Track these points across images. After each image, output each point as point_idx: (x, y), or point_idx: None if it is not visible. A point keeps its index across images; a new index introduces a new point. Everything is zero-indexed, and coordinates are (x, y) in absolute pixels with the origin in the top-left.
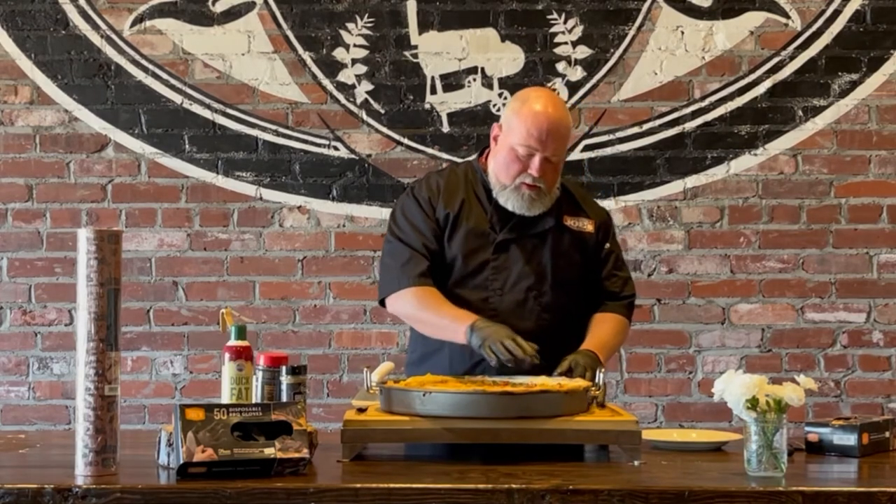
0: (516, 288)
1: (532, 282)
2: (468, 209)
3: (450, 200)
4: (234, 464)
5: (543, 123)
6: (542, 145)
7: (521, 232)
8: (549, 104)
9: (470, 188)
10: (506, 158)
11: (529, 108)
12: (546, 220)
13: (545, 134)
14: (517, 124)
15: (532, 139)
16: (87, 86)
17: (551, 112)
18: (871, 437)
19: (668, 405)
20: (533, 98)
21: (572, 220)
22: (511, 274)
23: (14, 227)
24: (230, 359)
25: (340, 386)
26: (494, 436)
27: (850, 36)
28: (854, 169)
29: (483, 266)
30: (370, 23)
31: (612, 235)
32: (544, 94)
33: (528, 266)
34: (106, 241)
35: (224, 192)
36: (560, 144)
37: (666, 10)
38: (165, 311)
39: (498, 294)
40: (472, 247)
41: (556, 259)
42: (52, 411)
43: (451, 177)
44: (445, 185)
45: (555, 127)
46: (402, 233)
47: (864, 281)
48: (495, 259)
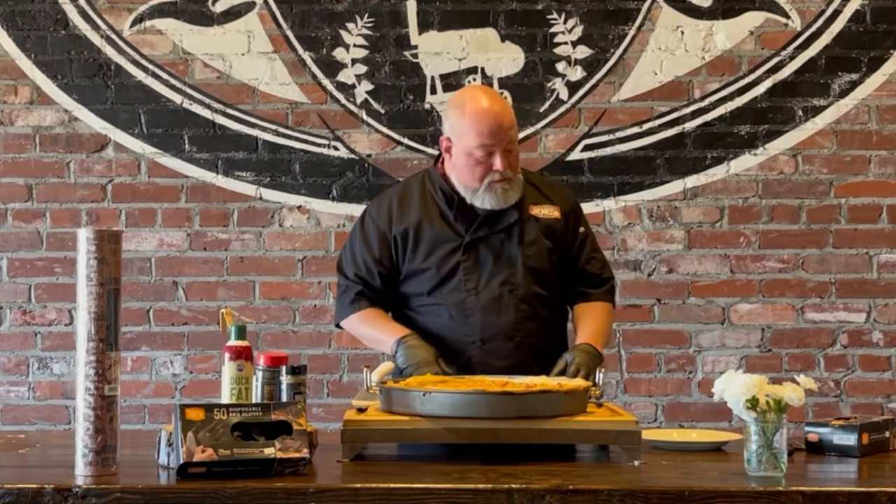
0: (490, 284)
1: (505, 276)
2: (429, 218)
3: (405, 215)
4: (234, 464)
5: (491, 120)
6: (498, 139)
7: (487, 230)
8: (488, 99)
9: (428, 197)
10: (467, 163)
11: (471, 109)
12: (510, 214)
13: (496, 128)
14: (466, 129)
15: (485, 137)
16: (87, 86)
17: (494, 106)
18: (871, 437)
19: (668, 405)
20: (469, 99)
21: (538, 209)
22: (483, 272)
23: (14, 227)
24: (230, 359)
25: (340, 386)
26: (494, 436)
27: (850, 36)
28: (854, 169)
29: (455, 269)
30: (370, 23)
31: (583, 219)
32: (480, 92)
33: (499, 262)
34: (106, 241)
35: (224, 192)
36: (511, 132)
37: (666, 10)
38: (165, 311)
39: (473, 294)
40: (441, 253)
41: (526, 249)
42: (52, 411)
43: (404, 192)
44: (399, 201)
45: (501, 118)
46: (343, 261)
47: (864, 281)
48: (466, 260)
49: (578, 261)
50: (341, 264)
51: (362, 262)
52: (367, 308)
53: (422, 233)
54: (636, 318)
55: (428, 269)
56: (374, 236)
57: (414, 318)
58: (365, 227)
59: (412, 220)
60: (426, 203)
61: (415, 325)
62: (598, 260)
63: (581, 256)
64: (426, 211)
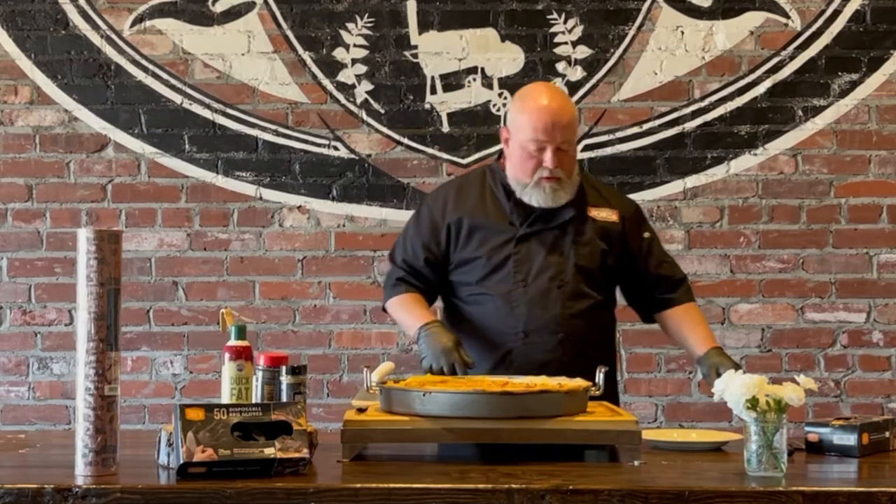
0: (539, 278)
1: (554, 272)
2: (484, 209)
3: (461, 205)
4: (234, 464)
5: (547, 116)
6: (551, 136)
7: (541, 225)
8: (549, 96)
9: (487, 189)
10: (519, 157)
11: (531, 104)
12: (566, 212)
13: (550, 125)
14: (523, 122)
15: (539, 133)
16: (87, 86)
17: (552, 103)
18: (871, 437)
19: (668, 405)
20: (532, 93)
21: (596, 212)
22: (533, 265)
23: (14, 227)
24: (230, 359)
25: (340, 386)
26: (494, 436)
27: (850, 36)
28: (854, 169)
29: (505, 261)
30: (370, 23)
31: (646, 224)
32: (543, 88)
33: (550, 256)
34: (106, 241)
35: (224, 192)
36: (567, 132)
37: (666, 10)
38: (165, 311)
39: (522, 286)
40: (493, 244)
41: (579, 248)
42: (52, 411)
43: (464, 183)
44: (457, 191)
45: (558, 116)
46: (395, 247)
47: (864, 281)
48: (517, 252)
49: (648, 266)
50: (393, 250)
51: (411, 248)
52: (404, 293)
53: (476, 223)
54: (636, 318)
55: (478, 258)
56: (426, 223)
57: (461, 307)
58: (420, 214)
59: (467, 209)
60: (484, 195)
61: (461, 315)
62: (668, 263)
63: (650, 261)
64: (483, 202)
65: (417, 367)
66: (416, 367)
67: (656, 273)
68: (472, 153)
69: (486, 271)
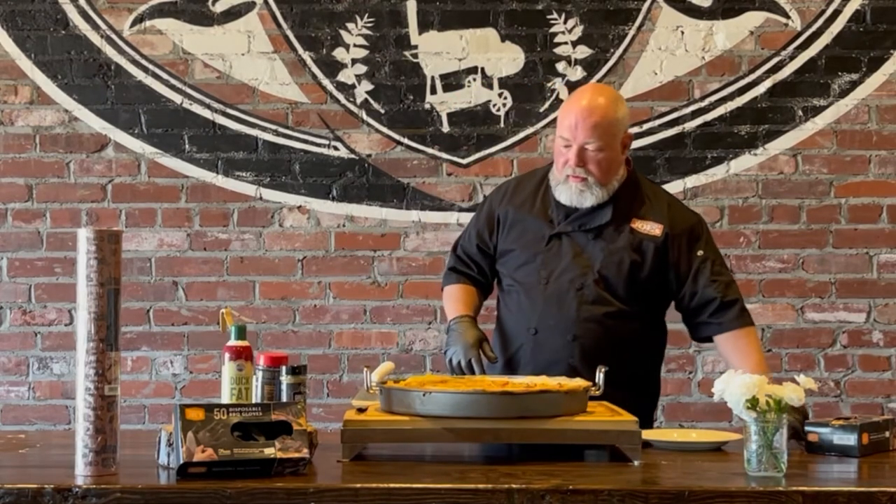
0: (561, 278)
1: (576, 275)
2: (532, 204)
3: (515, 198)
4: (234, 464)
5: (574, 113)
6: (573, 134)
7: (576, 226)
8: (587, 95)
9: (542, 185)
10: (555, 153)
11: (570, 100)
12: (602, 215)
13: (574, 123)
14: (559, 119)
15: (564, 129)
16: (87, 86)
17: (585, 103)
18: (871, 437)
19: (668, 405)
20: (577, 92)
21: (640, 223)
22: (559, 265)
23: (14, 227)
24: (230, 359)
25: (340, 386)
26: (494, 436)
27: (850, 36)
28: (854, 169)
29: (535, 256)
30: (370, 23)
31: (702, 243)
32: (587, 87)
33: (577, 259)
34: (106, 241)
35: (224, 192)
36: (593, 133)
37: (666, 10)
38: (165, 311)
39: (543, 283)
40: (529, 238)
41: (607, 256)
42: (52, 411)
43: (526, 177)
44: (517, 184)
45: (584, 115)
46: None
47: (864, 281)
48: (547, 250)
49: (696, 286)
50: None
51: (468, 235)
52: (454, 283)
53: (520, 215)
54: None
55: (514, 250)
56: (485, 212)
57: (502, 297)
58: (483, 204)
59: (518, 202)
60: (538, 190)
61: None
62: (719, 283)
63: (699, 281)
64: (534, 197)
65: (417, 367)
66: (416, 366)
67: (702, 293)
68: (472, 153)
69: (518, 263)
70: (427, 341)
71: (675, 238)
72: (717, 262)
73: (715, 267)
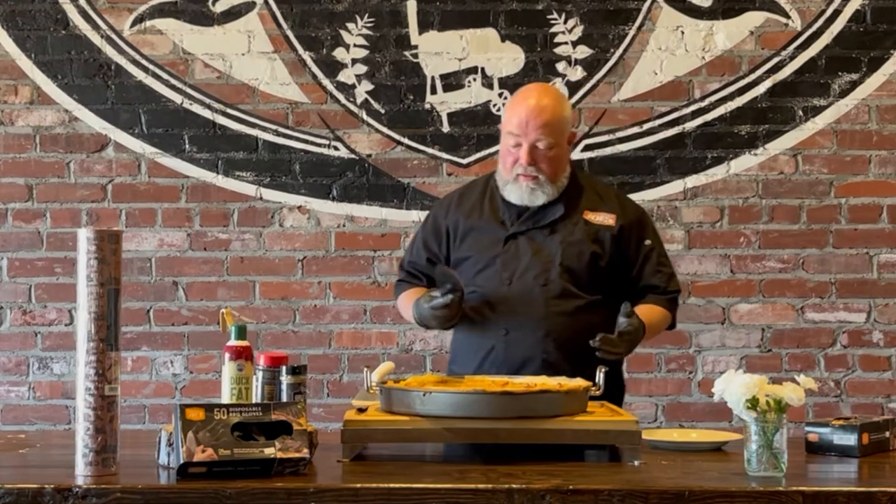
0: (524, 277)
1: (538, 271)
2: (480, 211)
3: (461, 206)
4: (234, 464)
5: (524, 111)
6: (524, 132)
7: (530, 225)
8: (535, 94)
9: (488, 192)
10: (502, 152)
11: (516, 99)
12: (555, 210)
13: (524, 121)
14: (506, 118)
15: (513, 127)
16: (87, 86)
17: (533, 100)
18: (871, 437)
19: (668, 405)
20: (522, 90)
21: (592, 215)
22: (520, 265)
23: (14, 227)
24: (230, 359)
25: (340, 386)
26: (494, 436)
27: (850, 36)
28: (854, 169)
29: (494, 259)
30: (370, 23)
31: (650, 231)
32: (533, 86)
33: (537, 256)
34: (106, 241)
35: (224, 192)
36: (545, 131)
37: (666, 10)
38: (165, 311)
39: (507, 283)
40: (484, 243)
41: (567, 249)
42: (52, 411)
43: (470, 186)
44: (461, 194)
45: (535, 113)
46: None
47: (864, 281)
48: (505, 252)
49: (642, 273)
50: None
51: (415, 249)
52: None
53: (471, 223)
54: None
55: (470, 257)
56: (430, 225)
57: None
58: (427, 218)
59: (466, 210)
60: (484, 196)
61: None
62: (664, 273)
63: (645, 269)
64: (481, 203)
65: (417, 367)
66: (416, 367)
67: (647, 282)
68: (473, 153)
69: (476, 269)
70: (427, 341)
71: (627, 227)
72: (662, 253)
73: (660, 258)
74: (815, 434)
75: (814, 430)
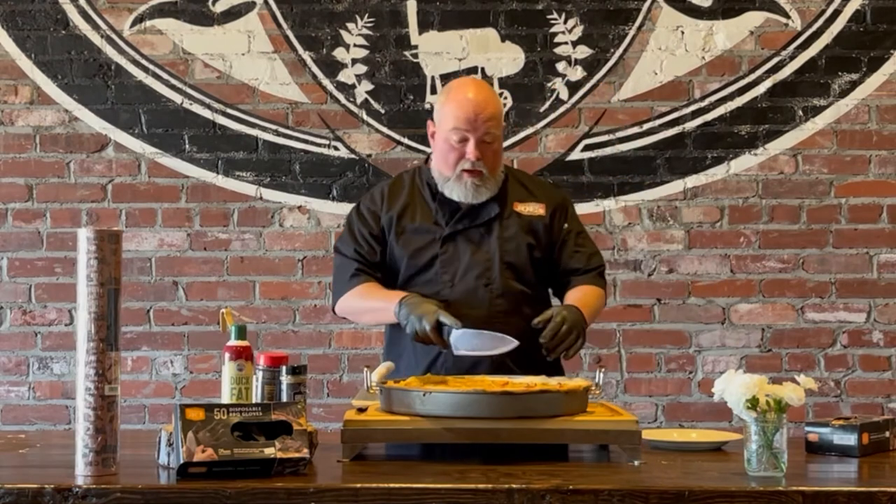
0: (466, 277)
1: (481, 270)
2: (412, 210)
3: (392, 205)
4: (234, 464)
5: (469, 106)
6: (473, 127)
7: (467, 223)
8: (472, 88)
9: (416, 190)
10: (442, 149)
11: (454, 95)
12: (491, 208)
13: (472, 115)
14: (446, 113)
15: (460, 122)
16: (87, 86)
17: (475, 94)
18: (871, 437)
19: (668, 405)
20: (456, 86)
21: (522, 206)
22: (460, 265)
23: (14, 227)
24: (230, 359)
25: (340, 386)
26: (494, 436)
27: (850, 36)
28: (854, 169)
29: (432, 261)
30: (370, 23)
31: (570, 216)
32: (467, 80)
33: (476, 255)
34: (106, 241)
35: (224, 191)
36: (491, 124)
37: (666, 10)
38: (165, 311)
39: (448, 286)
40: (419, 244)
41: (504, 244)
42: (52, 411)
43: (395, 183)
44: (388, 191)
45: (481, 108)
46: (341, 244)
47: (864, 281)
48: (444, 253)
49: (561, 257)
50: (338, 247)
51: (361, 238)
52: (366, 282)
53: (404, 222)
54: (636, 318)
55: (403, 258)
56: (369, 215)
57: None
58: (360, 211)
59: (397, 208)
60: (413, 195)
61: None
62: (582, 254)
63: (564, 252)
64: (411, 202)
65: None
66: None
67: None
68: None
69: (412, 272)
70: None
71: (554, 214)
72: (582, 233)
73: (581, 239)
74: (815, 434)
75: (814, 430)
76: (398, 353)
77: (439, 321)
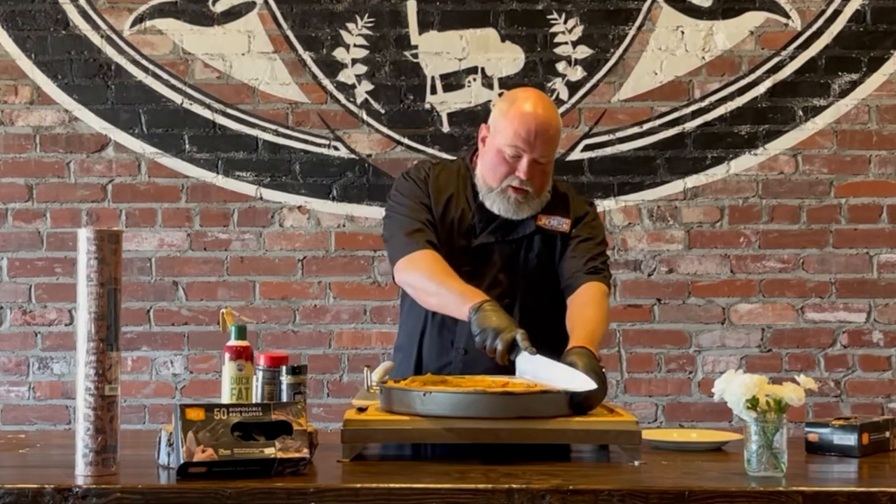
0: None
1: (503, 289)
2: (455, 204)
3: (437, 192)
4: (234, 464)
5: (532, 124)
6: (530, 146)
7: (500, 236)
8: (539, 105)
9: (461, 183)
10: (493, 160)
11: (518, 108)
12: (527, 225)
13: (533, 135)
14: (505, 125)
15: (519, 140)
16: (87, 86)
17: (540, 113)
18: (871, 437)
19: (668, 405)
20: (521, 98)
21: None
22: (485, 280)
23: (14, 227)
24: (230, 359)
25: (340, 386)
26: (494, 436)
27: (850, 36)
28: (854, 169)
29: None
30: (370, 23)
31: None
32: (533, 95)
33: (502, 273)
34: (106, 241)
35: (224, 192)
36: (548, 146)
37: (666, 10)
38: (165, 311)
39: None
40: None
41: (534, 266)
42: (52, 411)
43: (443, 170)
44: (436, 175)
45: (543, 128)
46: (405, 208)
47: (864, 281)
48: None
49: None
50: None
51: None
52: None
53: (445, 215)
54: (636, 318)
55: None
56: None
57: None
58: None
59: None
60: (458, 189)
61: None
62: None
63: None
64: (456, 195)
65: None
66: None
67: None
68: None
69: None
70: None
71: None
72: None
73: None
74: (815, 434)
75: (814, 430)
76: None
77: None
